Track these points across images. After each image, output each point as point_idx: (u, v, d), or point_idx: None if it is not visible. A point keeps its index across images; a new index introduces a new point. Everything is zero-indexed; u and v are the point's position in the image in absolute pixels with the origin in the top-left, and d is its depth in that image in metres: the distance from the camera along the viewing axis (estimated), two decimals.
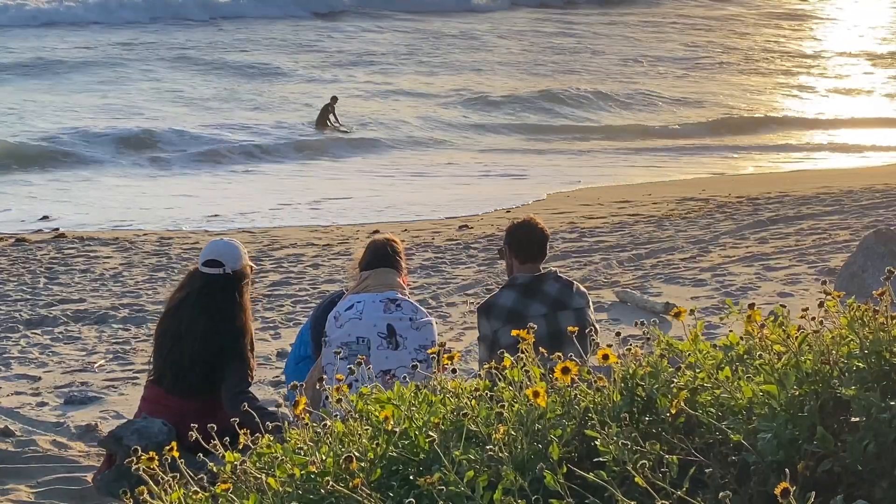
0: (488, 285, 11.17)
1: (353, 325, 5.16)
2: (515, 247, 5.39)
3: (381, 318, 5.19)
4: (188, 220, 16.58)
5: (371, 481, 2.71)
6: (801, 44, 44.81)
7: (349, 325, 5.17)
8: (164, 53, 36.52)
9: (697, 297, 10.35)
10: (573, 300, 5.28)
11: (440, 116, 28.75)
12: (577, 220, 15.38)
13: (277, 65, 35.50)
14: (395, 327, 5.18)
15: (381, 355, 5.04)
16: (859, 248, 10.18)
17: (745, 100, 32.98)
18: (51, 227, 15.74)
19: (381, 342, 5.15)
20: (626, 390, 2.82)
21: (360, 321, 5.17)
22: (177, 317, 5.56)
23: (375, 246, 5.51)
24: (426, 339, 5.20)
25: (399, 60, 37.32)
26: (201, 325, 5.44)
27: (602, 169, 22.73)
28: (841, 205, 15.99)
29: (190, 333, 5.45)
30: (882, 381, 2.57)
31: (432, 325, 5.33)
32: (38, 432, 7.06)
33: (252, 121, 27.25)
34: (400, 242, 5.66)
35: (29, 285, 11.81)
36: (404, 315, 5.23)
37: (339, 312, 5.25)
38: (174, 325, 5.53)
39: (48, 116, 26.60)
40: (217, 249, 5.67)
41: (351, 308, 5.24)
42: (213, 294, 5.52)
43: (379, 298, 5.26)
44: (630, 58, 39.75)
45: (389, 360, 5.08)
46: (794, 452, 2.49)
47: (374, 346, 5.13)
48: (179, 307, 5.57)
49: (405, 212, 17.25)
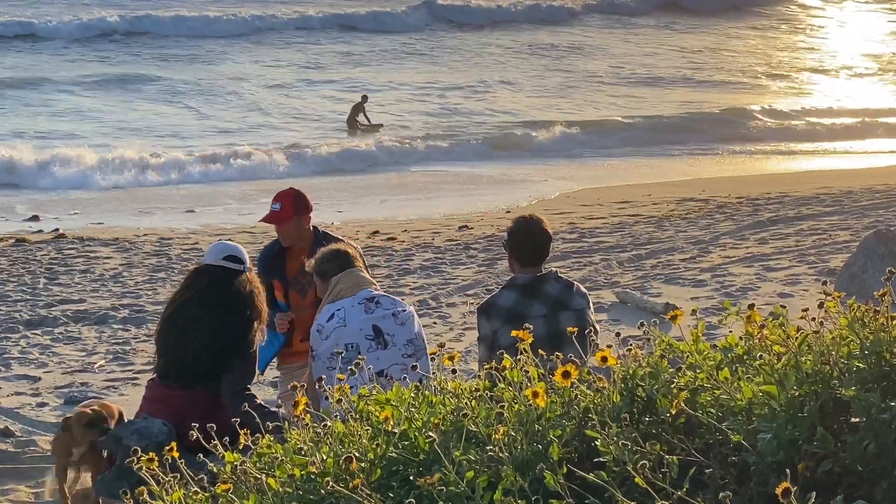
0: (488, 285, 11.18)
1: (340, 334, 5.15)
2: (517, 247, 5.37)
3: (365, 321, 5.19)
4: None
5: (371, 482, 2.71)
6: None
7: (335, 335, 5.15)
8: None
9: (697, 298, 10.35)
10: (574, 301, 5.27)
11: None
12: (577, 221, 15.38)
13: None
14: (380, 327, 5.19)
15: (373, 357, 5.04)
16: (859, 249, 10.18)
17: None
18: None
19: (370, 344, 5.16)
20: (626, 391, 2.82)
21: (345, 328, 5.17)
22: (183, 312, 5.58)
23: (332, 254, 5.53)
24: (412, 333, 5.23)
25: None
26: (209, 319, 5.47)
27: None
28: (841, 205, 15.99)
29: (197, 325, 5.48)
30: (882, 381, 2.57)
31: (414, 316, 5.36)
32: (38, 432, 7.07)
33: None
34: (354, 250, 5.68)
35: (29, 286, 11.82)
36: (386, 311, 5.24)
37: (322, 325, 5.23)
38: (181, 319, 5.55)
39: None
40: (235, 247, 5.76)
41: (332, 318, 5.22)
42: (225, 289, 5.55)
43: (357, 301, 5.26)
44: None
45: (381, 360, 5.08)
46: (794, 453, 2.49)
47: (363, 349, 5.14)
48: (186, 304, 5.59)
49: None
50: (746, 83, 36.18)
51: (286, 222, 6.39)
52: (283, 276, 6.43)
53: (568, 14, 47.45)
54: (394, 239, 14.29)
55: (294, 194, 6.49)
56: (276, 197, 6.49)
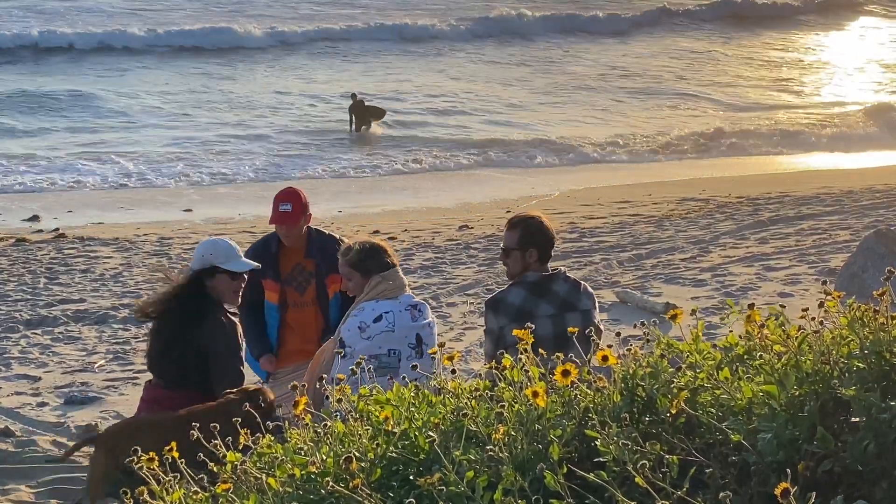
0: (488, 285, 11.18)
1: (386, 338, 5.12)
2: (541, 245, 5.32)
3: (410, 328, 5.22)
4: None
5: (371, 481, 2.71)
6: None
7: (380, 338, 5.12)
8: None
9: (697, 298, 10.35)
10: (581, 302, 5.28)
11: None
12: (577, 221, 15.37)
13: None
14: (421, 336, 5.22)
15: (409, 364, 5.04)
16: (859, 249, 10.17)
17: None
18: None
19: (411, 353, 5.19)
20: (626, 391, 2.82)
21: (392, 333, 5.15)
22: (166, 316, 5.67)
23: (373, 250, 5.46)
24: (434, 343, 5.26)
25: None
26: (179, 322, 5.57)
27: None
28: (841, 205, 15.99)
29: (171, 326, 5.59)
30: (882, 381, 2.57)
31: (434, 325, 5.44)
32: (38, 432, 7.06)
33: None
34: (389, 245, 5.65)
35: (29, 285, 11.81)
36: (425, 320, 5.30)
37: (367, 324, 5.17)
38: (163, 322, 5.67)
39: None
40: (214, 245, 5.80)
41: (380, 320, 5.18)
42: (193, 295, 5.62)
43: (404, 307, 5.26)
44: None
45: (417, 368, 5.12)
46: (795, 453, 2.49)
47: (404, 356, 5.17)
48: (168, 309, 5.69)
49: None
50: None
51: (297, 223, 6.34)
52: (277, 275, 6.40)
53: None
54: (394, 238, 14.29)
55: (300, 194, 6.46)
56: (283, 197, 6.40)
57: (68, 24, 38.65)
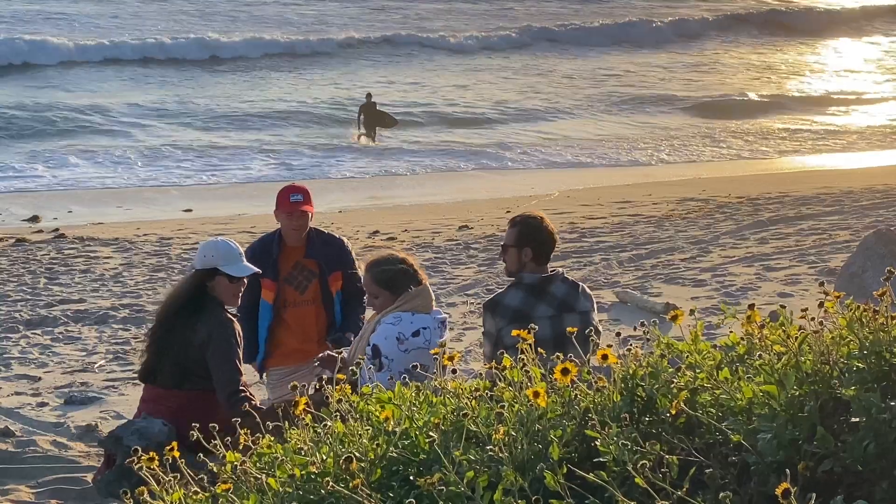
0: (488, 285, 11.18)
1: (420, 354, 5.09)
2: (540, 245, 5.31)
3: (436, 345, 5.24)
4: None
5: (371, 482, 2.71)
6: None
7: (416, 353, 5.08)
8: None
9: (697, 298, 10.35)
10: (579, 303, 5.26)
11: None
12: (577, 221, 15.38)
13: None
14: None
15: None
16: (859, 249, 10.17)
17: None
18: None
19: (434, 367, 5.20)
20: (626, 391, 2.82)
21: (426, 350, 5.13)
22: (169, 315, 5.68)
23: (404, 265, 5.45)
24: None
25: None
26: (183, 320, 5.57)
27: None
28: (841, 205, 15.99)
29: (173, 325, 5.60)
30: (882, 381, 2.57)
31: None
32: (38, 432, 7.07)
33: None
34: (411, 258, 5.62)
35: (29, 285, 11.82)
36: (444, 336, 5.37)
37: (406, 336, 5.18)
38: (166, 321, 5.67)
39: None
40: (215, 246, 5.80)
41: (419, 335, 5.21)
42: (194, 294, 5.62)
43: (437, 323, 5.33)
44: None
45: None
46: (795, 453, 2.49)
47: (430, 371, 5.18)
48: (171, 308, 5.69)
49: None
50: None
51: (309, 213, 6.29)
52: (276, 274, 6.37)
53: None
54: (394, 238, 14.29)
55: (307, 188, 6.44)
56: (293, 189, 6.33)
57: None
